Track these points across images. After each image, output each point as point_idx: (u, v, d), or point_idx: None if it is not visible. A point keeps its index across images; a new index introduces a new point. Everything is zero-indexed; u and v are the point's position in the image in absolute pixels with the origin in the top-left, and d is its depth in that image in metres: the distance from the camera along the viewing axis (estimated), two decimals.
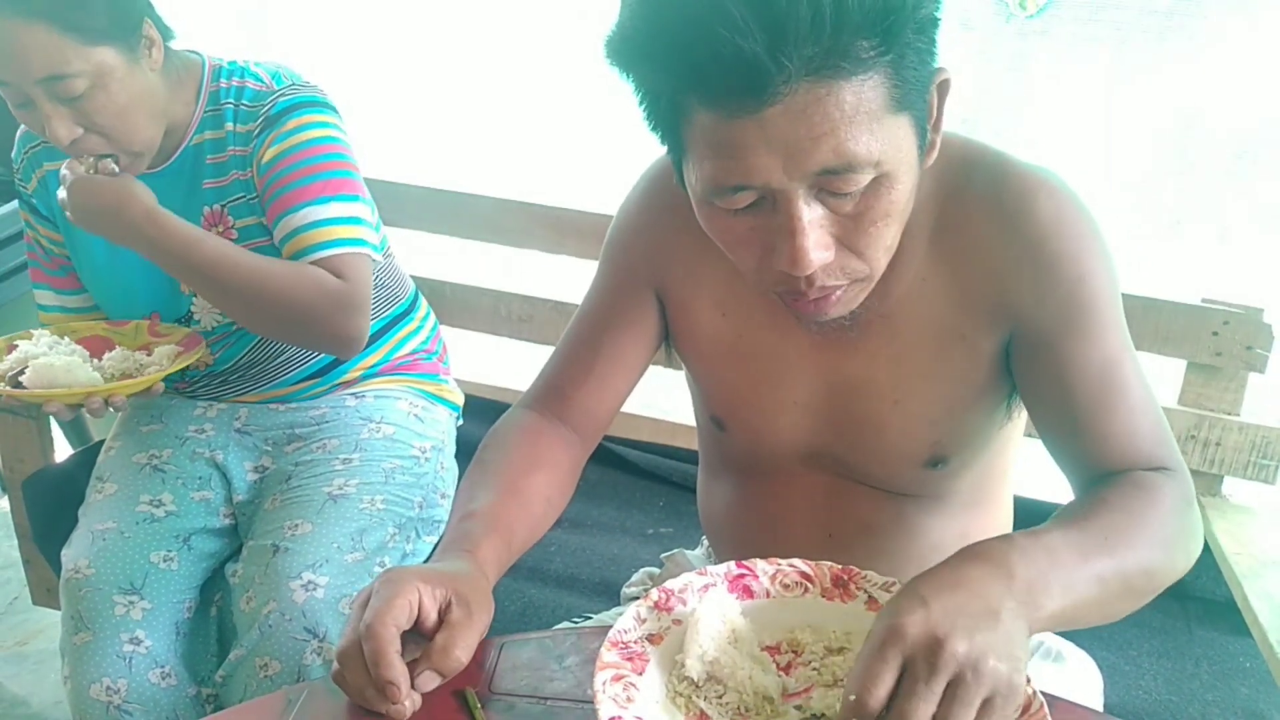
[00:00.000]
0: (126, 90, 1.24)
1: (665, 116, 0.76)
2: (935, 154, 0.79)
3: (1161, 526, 0.80)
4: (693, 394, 1.09)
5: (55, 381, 1.24)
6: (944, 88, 0.77)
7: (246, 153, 1.35)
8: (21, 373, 1.26)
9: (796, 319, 0.90)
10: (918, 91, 0.73)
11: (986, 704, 0.64)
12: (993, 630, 0.65)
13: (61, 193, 1.26)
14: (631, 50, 0.72)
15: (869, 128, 0.70)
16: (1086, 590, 0.72)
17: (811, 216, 0.73)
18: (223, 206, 1.37)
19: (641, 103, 0.77)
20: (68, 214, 1.26)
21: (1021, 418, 0.99)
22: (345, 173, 1.35)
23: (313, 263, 1.30)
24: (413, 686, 0.75)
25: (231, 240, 1.36)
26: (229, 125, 1.36)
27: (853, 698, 0.65)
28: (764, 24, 0.65)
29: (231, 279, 1.27)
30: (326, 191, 1.32)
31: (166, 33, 1.32)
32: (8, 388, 1.24)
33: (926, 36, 0.71)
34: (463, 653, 0.76)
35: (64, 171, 1.27)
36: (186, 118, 1.37)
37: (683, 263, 0.97)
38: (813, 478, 1.00)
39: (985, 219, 0.85)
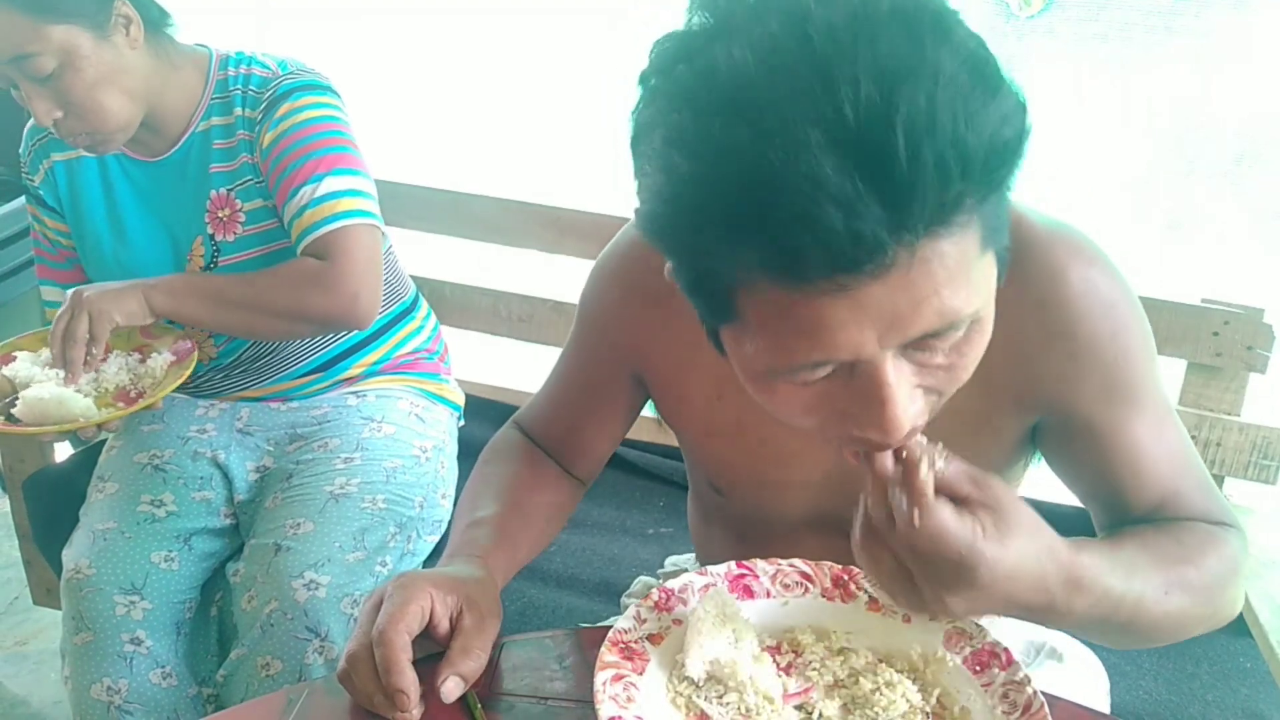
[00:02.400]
0: (95, 68, 1.25)
1: (715, 287, 0.62)
2: None
3: (1217, 601, 0.79)
4: (686, 459, 1.03)
5: (47, 414, 1.21)
6: None
7: (253, 138, 1.37)
8: (13, 404, 1.23)
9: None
10: (1002, 223, 0.63)
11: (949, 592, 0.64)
12: (1020, 596, 0.65)
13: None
14: (686, 231, 0.59)
15: (967, 279, 0.59)
16: (1112, 635, 0.73)
17: (900, 379, 0.61)
18: (229, 191, 1.38)
19: (679, 270, 0.64)
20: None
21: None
22: (337, 148, 1.36)
23: (309, 242, 1.32)
24: (440, 695, 0.74)
25: (239, 224, 1.38)
26: (238, 110, 1.38)
27: (916, 522, 0.62)
28: (881, 192, 0.53)
29: (228, 287, 1.32)
30: (320, 168, 1.33)
31: (162, 18, 1.34)
32: (3, 424, 1.23)
33: (1020, 167, 0.60)
34: (482, 654, 0.77)
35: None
36: (190, 105, 1.38)
37: (668, 347, 0.89)
38: (823, 539, 0.93)
39: (1010, 304, 0.74)
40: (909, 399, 0.62)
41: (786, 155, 0.52)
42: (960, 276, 0.58)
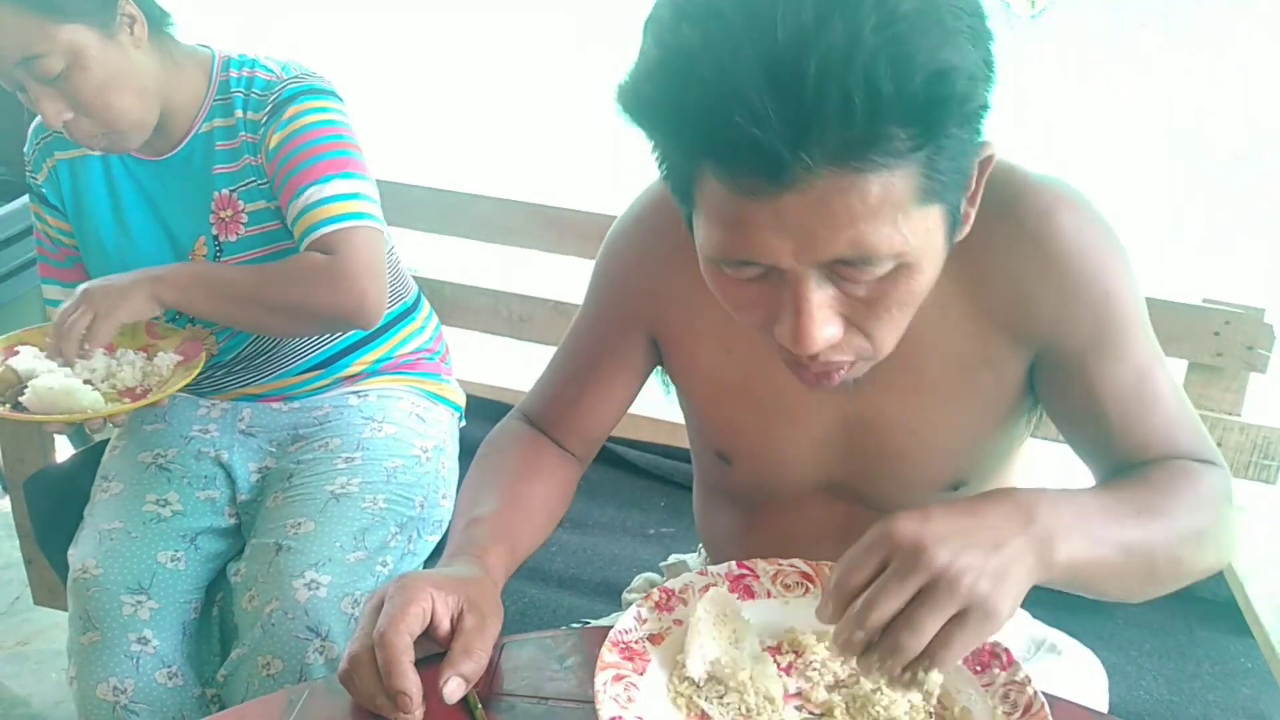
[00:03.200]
0: (104, 68, 1.25)
1: (676, 171, 0.70)
2: (969, 226, 0.73)
3: (1201, 518, 0.79)
4: (690, 426, 1.05)
5: (55, 405, 1.22)
6: (987, 163, 0.70)
7: (257, 140, 1.38)
8: (21, 392, 1.24)
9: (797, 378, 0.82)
10: (955, 181, 0.66)
11: (958, 618, 0.64)
12: (986, 556, 0.65)
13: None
14: (643, 109, 0.66)
15: (892, 220, 0.63)
16: (1110, 554, 0.72)
17: (820, 297, 0.67)
18: (232, 191, 1.39)
19: (653, 150, 0.71)
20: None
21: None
22: (344, 152, 1.37)
23: (314, 239, 1.32)
24: (442, 695, 0.75)
25: (242, 224, 1.39)
26: (239, 113, 1.38)
27: (833, 581, 0.67)
28: (785, 113, 0.58)
29: (235, 280, 1.32)
30: (329, 170, 1.34)
31: (163, 18, 1.34)
32: (10, 411, 1.24)
33: (972, 127, 0.65)
34: (483, 655, 0.77)
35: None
36: (194, 105, 1.39)
37: (681, 303, 0.92)
38: (828, 506, 0.96)
39: (1004, 241, 0.81)
40: (825, 318, 0.68)
41: (720, 61, 0.59)
42: (883, 215, 0.63)
